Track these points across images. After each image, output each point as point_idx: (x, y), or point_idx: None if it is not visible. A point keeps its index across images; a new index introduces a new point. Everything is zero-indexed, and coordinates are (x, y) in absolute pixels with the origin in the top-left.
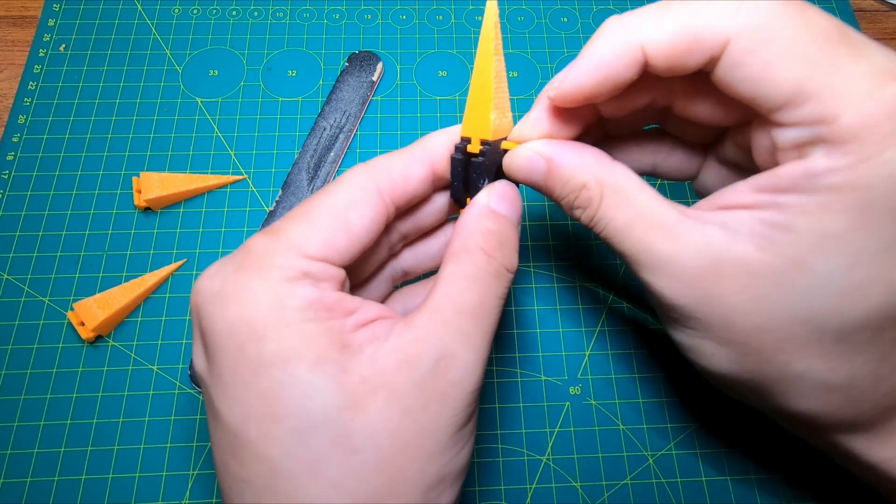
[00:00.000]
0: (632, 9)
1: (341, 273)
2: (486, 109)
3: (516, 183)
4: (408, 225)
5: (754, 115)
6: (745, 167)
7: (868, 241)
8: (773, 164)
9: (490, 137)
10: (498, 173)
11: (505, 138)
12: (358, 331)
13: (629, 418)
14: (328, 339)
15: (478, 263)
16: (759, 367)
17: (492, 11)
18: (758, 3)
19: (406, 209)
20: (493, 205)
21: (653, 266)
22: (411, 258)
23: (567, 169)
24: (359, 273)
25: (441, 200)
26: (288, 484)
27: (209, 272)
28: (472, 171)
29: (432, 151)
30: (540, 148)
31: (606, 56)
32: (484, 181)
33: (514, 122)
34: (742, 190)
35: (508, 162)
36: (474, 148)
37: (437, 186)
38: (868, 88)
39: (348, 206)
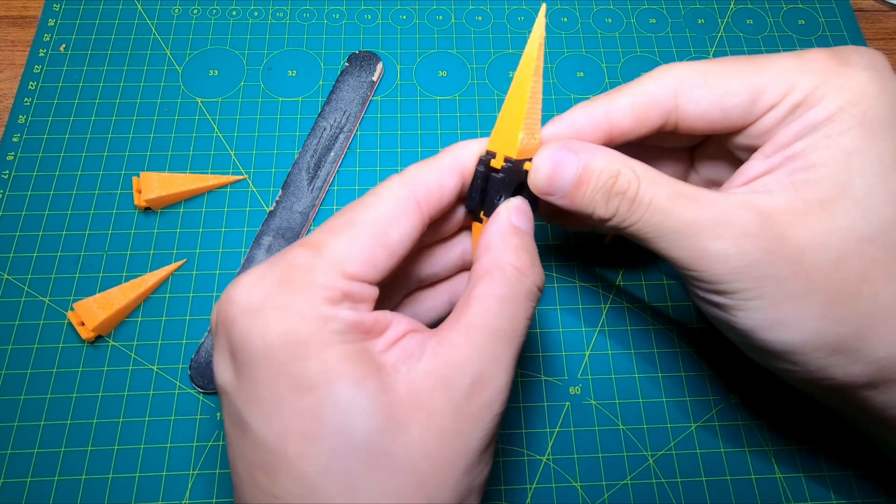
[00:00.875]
0: (633, 10)
1: (376, 291)
2: (516, 128)
3: (533, 201)
4: (428, 233)
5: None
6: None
7: (884, 145)
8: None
9: (515, 156)
10: (515, 194)
11: (529, 160)
12: (391, 349)
13: (629, 418)
14: (367, 360)
15: (511, 283)
16: (846, 311)
17: (538, 33)
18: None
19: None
20: (514, 220)
21: (711, 231)
22: (427, 267)
23: (599, 160)
24: (386, 284)
25: (461, 210)
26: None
27: (245, 282)
28: (490, 185)
29: (463, 162)
30: (568, 145)
31: (645, 114)
32: (501, 198)
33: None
34: (751, 166)
35: (536, 168)
36: (497, 163)
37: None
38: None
39: (389, 220)
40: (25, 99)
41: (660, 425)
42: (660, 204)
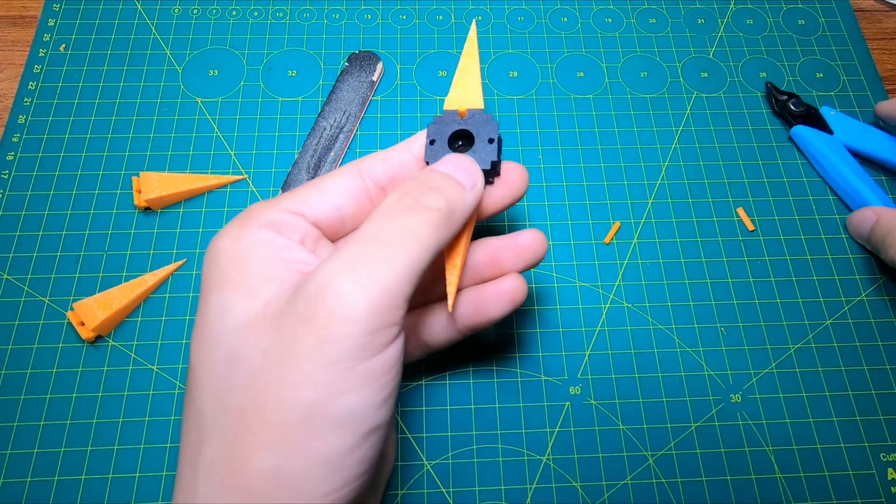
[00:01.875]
0: (633, 10)
1: (312, 229)
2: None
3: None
4: None
5: None
6: None
7: None
8: None
9: (447, 107)
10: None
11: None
12: (294, 275)
13: (629, 418)
14: (260, 273)
15: (386, 202)
16: None
17: (472, 35)
18: None
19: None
20: (435, 165)
21: None
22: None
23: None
24: None
25: None
26: (196, 393)
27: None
28: (429, 132)
29: (413, 141)
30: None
31: None
32: (438, 143)
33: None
34: None
35: (849, 222)
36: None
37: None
38: None
39: (327, 178)
40: (25, 99)
41: (660, 425)
42: None
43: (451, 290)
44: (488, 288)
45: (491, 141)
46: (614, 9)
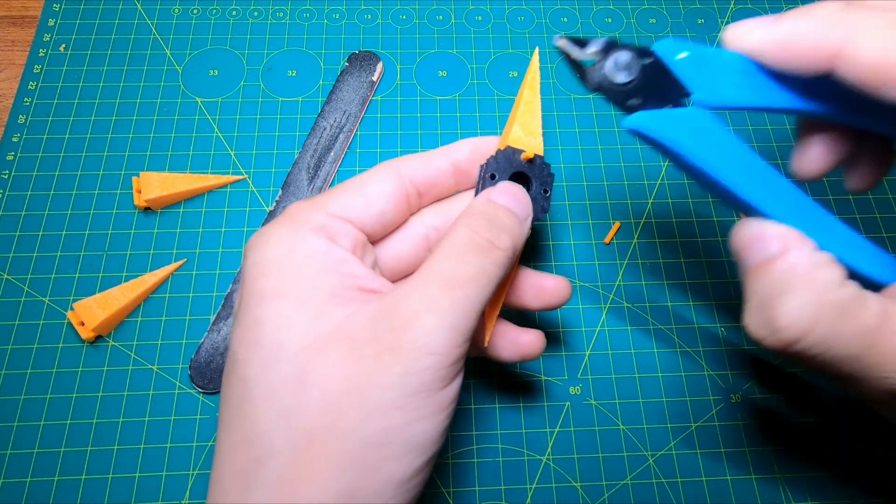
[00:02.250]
0: (633, 10)
1: (360, 235)
2: (510, 126)
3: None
4: (437, 220)
5: None
6: None
7: None
8: None
9: (505, 146)
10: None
11: (526, 153)
12: (354, 289)
13: (629, 418)
14: (321, 285)
15: (459, 237)
16: None
17: (534, 66)
18: None
19: (432, 196)
20: (493, 196)
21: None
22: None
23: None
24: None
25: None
26: (251, 406)
27: (261, 229)
28: (483, 169)
29: (454, 149)
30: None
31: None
32: (495, 180)
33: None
34: None
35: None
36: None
37: (460, 183)
38: None
39: (368, 181)
40: (25, 99)
41: (660, 425)
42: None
43: (489, 325)
44: (509, 332)
45: (546, 192)
46: (614, 9)
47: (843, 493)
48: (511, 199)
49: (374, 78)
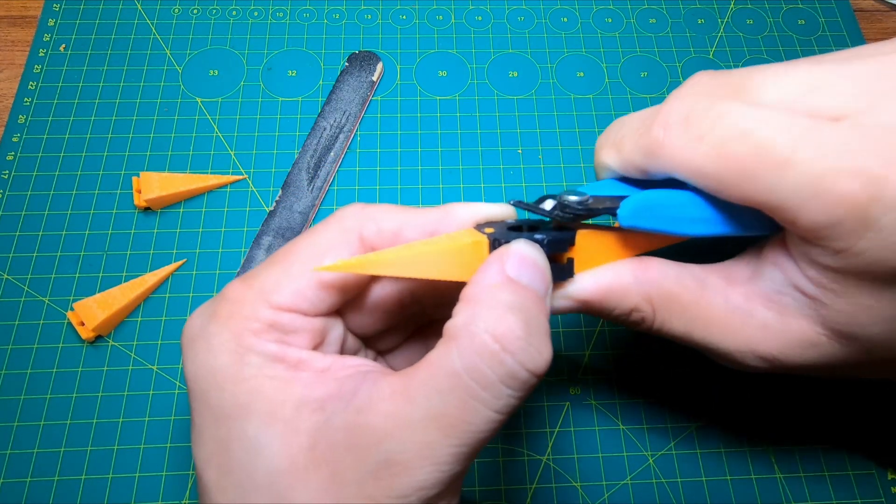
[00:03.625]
0: (633, 10)
1: (317, 323)
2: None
3: (557, 246)
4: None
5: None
6: None
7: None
8: None
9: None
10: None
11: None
12: (321, 384)
13: (629, 418)
14: (283, 396)
15: (475, 357)
16: None
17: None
18: None
19: None
20: (509, 269)
21: (725, 355)
22: (437, 294)
23: (611, 300)
24: (387, 311)
25: None
26: None
27: (194, 314)
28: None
29: (451, 216)
30: (574, 293)
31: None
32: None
33: None
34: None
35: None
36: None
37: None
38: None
39: (324, 251)
40: (25, 99)
41: (660, 425)
42: (677, 333)
43: None
44: None
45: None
46: (614, 9)
47: (844, 494)
48: (532, 272)
49: (374, 78)
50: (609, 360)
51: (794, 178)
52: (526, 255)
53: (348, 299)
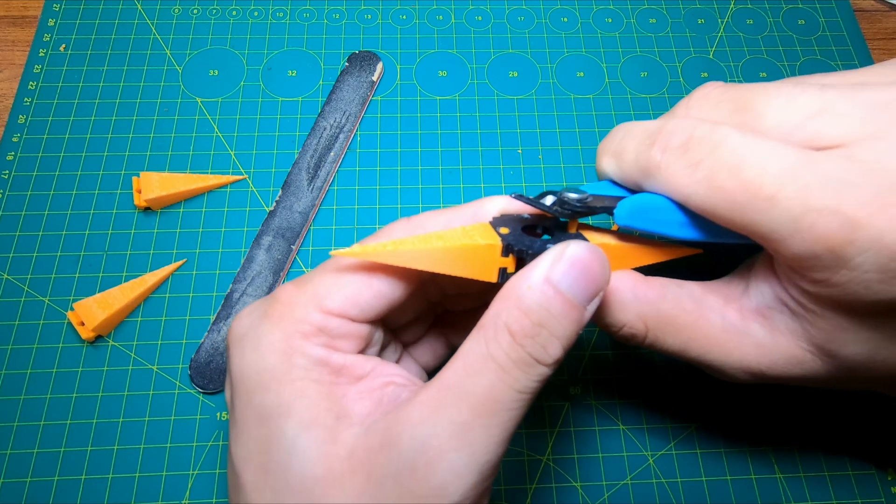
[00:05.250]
0: (633, 10)
1: (364, 329)
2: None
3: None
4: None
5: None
6: None
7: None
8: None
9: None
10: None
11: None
12: (362, 397)
13: (629, 418)
14: (327, 403)
15: (500, 345)
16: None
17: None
18: None
19: None
20: (555, 276)
21: (717, 370)
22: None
23: (605, 311)
24: (399, 316)
25: None
26: None
27: (243, 312)
28: (501, 225)
29: (483, 211)
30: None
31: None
32: (546, 242)
33: None
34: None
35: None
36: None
37: None
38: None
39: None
40: (25, 99)
41: (660, 425)
42: (670, 350)
43: None
44: None
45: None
46: (614, 9)
47: (844, 494)
48: (577, 279)
49: (374, 78)
50: (609, 359)
51: (779, 213)
52: (576, 261)
53: (394, 306)
